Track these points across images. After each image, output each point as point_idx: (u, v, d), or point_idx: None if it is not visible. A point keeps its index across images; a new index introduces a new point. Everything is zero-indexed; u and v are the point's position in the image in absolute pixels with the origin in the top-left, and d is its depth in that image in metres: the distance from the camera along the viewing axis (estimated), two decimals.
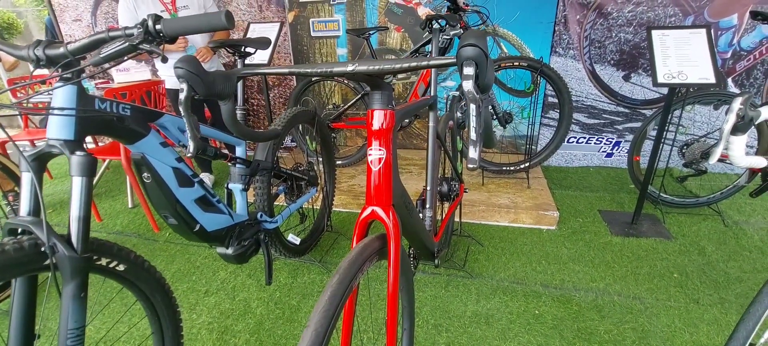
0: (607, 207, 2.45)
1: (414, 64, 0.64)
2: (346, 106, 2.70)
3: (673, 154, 2.39)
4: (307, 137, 1.90)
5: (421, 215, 1.41)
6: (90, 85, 2.58)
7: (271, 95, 3.61)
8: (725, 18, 2.58)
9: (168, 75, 2.49)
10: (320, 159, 2.04)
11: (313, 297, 1.72)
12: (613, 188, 2.75)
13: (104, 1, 3.65)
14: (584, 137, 3.09)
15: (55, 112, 0.80)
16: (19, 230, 0.79)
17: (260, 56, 2.47)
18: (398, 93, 3.24)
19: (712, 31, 2.25)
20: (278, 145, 1.61)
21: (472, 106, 0.50)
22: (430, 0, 2.94)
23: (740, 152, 1.01)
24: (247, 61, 1.73)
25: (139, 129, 0.97)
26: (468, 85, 0.50)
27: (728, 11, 2.55)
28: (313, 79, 2.83)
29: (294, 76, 3.35)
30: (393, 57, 3.14)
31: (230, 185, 1.41)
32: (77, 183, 0.80)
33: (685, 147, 2.25)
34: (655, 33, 1.96)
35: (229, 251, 1.35)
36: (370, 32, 2.63)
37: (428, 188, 1.47)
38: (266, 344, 1.48)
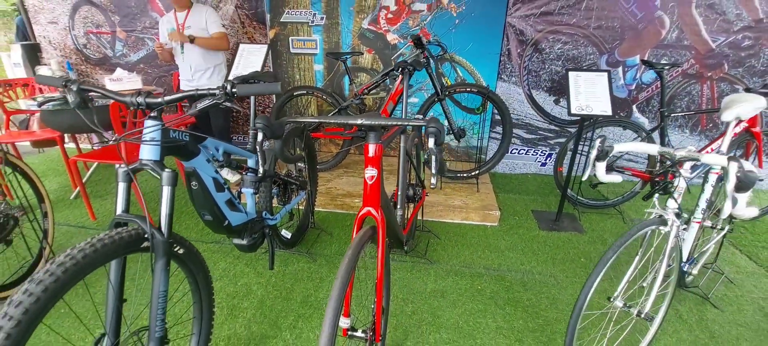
0: (538, 208, 3.03)
1: (398, 123, 1.08)
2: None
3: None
4: (298, 148, 2.27)
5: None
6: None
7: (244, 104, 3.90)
8: (630, 58, 3.25)
9: (186, 79, 3.03)
10: (305, 166, 2.42)
11: (304, 281, 2.10)
12: (545, 191, 3.35)
13: (83, 7, 3.76)
14: (524, 149, 3.68)
15: (148, 140, 1.15)
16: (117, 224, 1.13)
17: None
18: (369, 106, 3.66)
19: (621, 68, 2.91)
20: (278, 157, 1.98)
21: (433, 157, 0.94)
22: (398, 27, 3.39)
23: (601, 172, 1.55)
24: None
25: (194, 150, 1.33)
26: (431, 144, 0.94)
27: (633, 53, 3.22)
28: (294, 93, 3.18)
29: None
30: (366, 76, 3.56)
31: (243, 189, 1.77)
32: (166, 191, 1.15)
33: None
34: (571, 74, 2.53)
35: (244, 241, 1.71)
36: (347, 56, 3.05)
37: (399, 192, 1.91)
38: (269, 317, 1.85)
